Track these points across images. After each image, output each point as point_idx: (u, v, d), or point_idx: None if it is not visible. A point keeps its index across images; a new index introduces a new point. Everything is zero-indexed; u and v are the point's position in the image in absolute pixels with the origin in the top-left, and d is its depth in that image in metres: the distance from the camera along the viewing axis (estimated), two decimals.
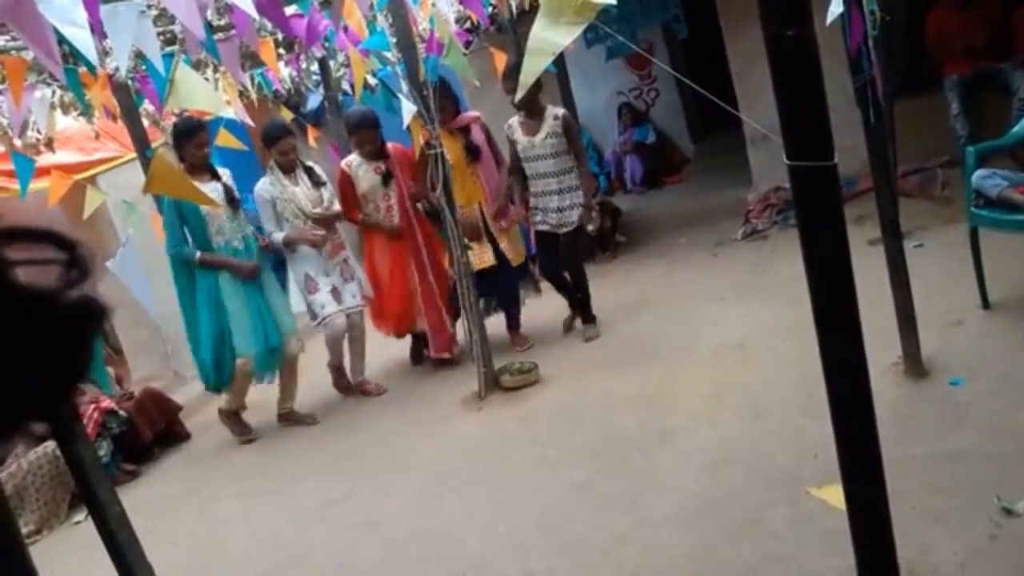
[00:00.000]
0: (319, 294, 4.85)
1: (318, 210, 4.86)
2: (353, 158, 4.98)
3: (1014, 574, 2.13)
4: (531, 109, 4.78)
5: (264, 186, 4.80)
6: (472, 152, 4.93)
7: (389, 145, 5.01)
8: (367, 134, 4.85)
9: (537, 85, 4.60)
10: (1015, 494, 2.38)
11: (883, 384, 3.22)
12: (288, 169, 4.85)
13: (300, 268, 4.87)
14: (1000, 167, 3.79)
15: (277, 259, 5.18)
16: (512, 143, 4.92)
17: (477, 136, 4.97)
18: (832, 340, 1.62)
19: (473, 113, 5.09)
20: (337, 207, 4.99)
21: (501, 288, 5.16)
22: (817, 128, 1.50)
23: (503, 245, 5.04)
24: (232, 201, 4.65)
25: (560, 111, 4.85)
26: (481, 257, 4.99)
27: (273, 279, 4.89)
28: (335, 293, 4.90)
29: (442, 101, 4.62)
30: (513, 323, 5.27)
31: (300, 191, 4.84)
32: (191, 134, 4.46)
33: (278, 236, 4.79)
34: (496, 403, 4.39)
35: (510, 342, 5.24)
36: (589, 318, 5.13)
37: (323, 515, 3.68)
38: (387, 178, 4.94)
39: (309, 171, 4.98)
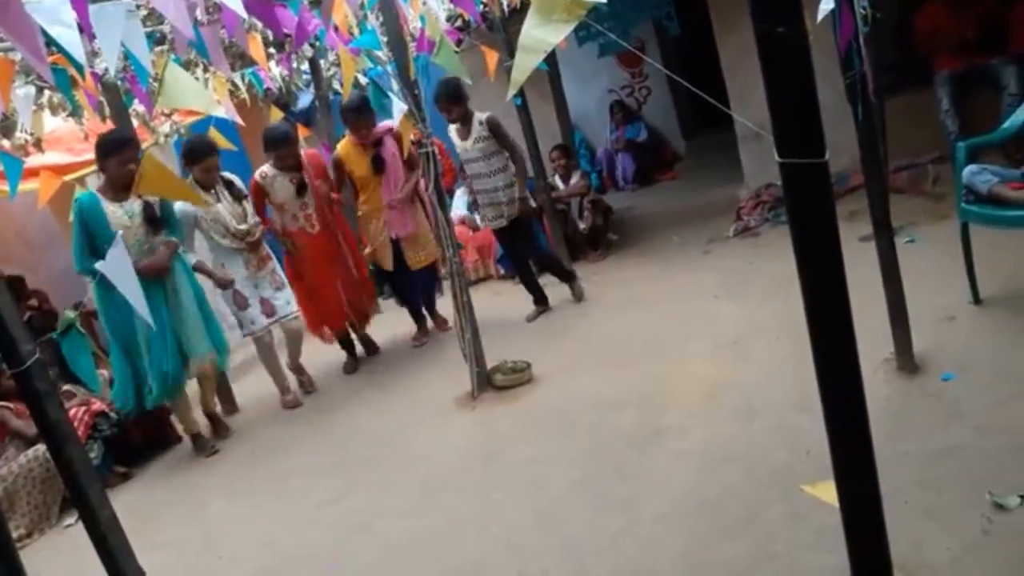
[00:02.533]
0: (249, 310, 5.00)
1: (243, 226, 4.94)
2: (267, 169, 5.20)
3: (1007, 569, 2.14)
4: (461, 119, 5.21)
5: (185, 205, 4.70)
6: (377, 165, 5.29)
7: (303, 155, 5.29)
8: (287, 151, 5.13)
9: (462, 97, 5.10)
10: (1007, 489, 2.39)
11: (875, 380, 3.23)
12: (208, 186, 4.87)
13: None
14: (991, 163, 3.80)
15: None
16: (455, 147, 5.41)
17: (388, 148, 5.28)
18: (824, 336, 1.61)
19: (387, 123, 5.22)
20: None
21: (408, 283, 5.71)
22: (808, 125, 1.50)
23: (407, 253, 5.50)
24: (151, 220, 4.49)
25: (485, 116, 5.18)
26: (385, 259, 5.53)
27: (192, 297, 4.69)
28: (265, 305, 5.04)
29: (361, 120, 5.11)
30: (430, 308, 5.89)
31: (223, 208, 4.89)
32: (116, 149, 4.34)
33: (191, 258, 4.85)
34: (489, 402, 4.38)
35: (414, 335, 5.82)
36: (567, 276, 5.77)
37: (316, 516, 3.67)
38: (302, 188, 5.18)
39: (229, 185, 5.05)
